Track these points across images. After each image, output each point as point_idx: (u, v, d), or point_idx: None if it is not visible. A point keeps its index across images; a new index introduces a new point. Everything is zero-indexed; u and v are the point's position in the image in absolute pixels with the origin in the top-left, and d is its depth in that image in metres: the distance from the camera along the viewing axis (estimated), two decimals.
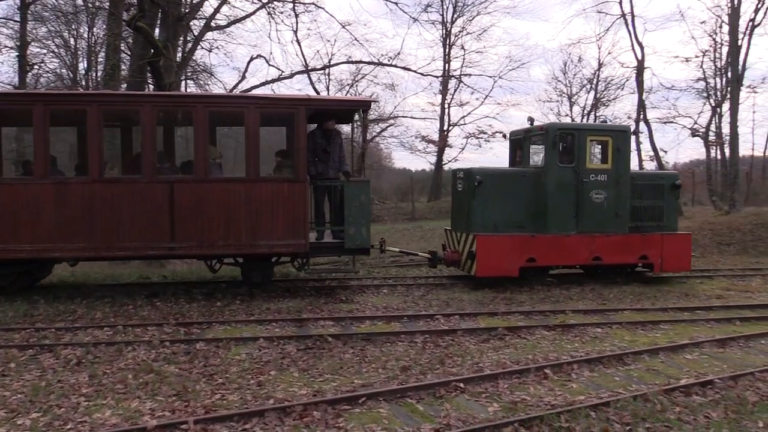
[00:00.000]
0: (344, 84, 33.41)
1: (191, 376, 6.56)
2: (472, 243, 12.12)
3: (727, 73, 31.03)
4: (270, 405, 5.57)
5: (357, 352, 7.52)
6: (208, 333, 8.45)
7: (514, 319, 9.49)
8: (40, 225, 9.94)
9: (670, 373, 6.96)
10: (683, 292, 12.10)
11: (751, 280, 13.77)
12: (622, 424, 5.38)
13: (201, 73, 25.95)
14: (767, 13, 27.92)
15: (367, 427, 5.22)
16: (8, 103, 10.64)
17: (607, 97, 39.24)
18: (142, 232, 10.21)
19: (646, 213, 13.31)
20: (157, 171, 10.49)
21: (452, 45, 38.91)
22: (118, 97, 11.34)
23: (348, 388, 6.18)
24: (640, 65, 29.13)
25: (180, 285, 11.86)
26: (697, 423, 5.47)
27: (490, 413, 5.59)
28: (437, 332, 8.46)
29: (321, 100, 11.80)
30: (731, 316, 9.94)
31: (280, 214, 10.58)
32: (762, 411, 5.79)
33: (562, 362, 7.07)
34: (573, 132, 12.74)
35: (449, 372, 6.78)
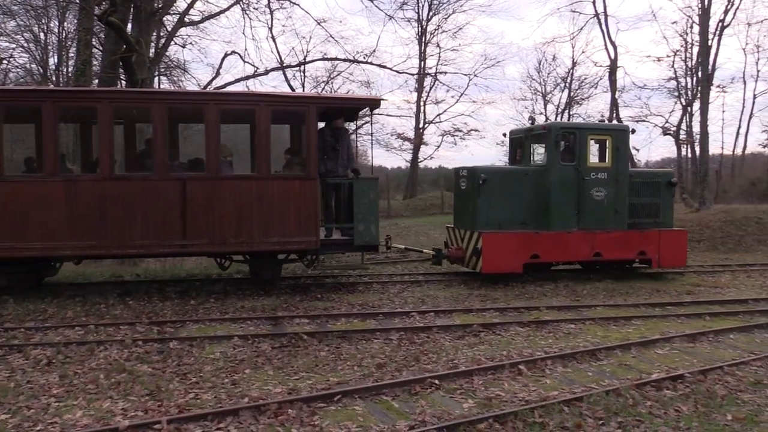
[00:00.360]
0: (319, 81, 33.32)
1: (164, 376, 6.49)
2: (477, 240, 12.30)
3: (697, 72, 31.53)
4: (244, 404, 5.53)
5: (332, 350, 7.51)
6: (181, 332, 8.37)
7: (488, 316, 9.55)
8: (50, 223, 9.82)
9: (641, 368, 7.06)
10: (655, 288, 12.28)
11: (721, 276, 14.03)
12: (594, 418, 5.44)
13: (174, 69, 25.72)
14: (736, 14, 28.43)
15: (342, 424, 5.22)
16: (17, 99, 10.45)
17: (580, 96, 39.74)
18: (153, 229, 10.16)
19: (643, 210, 13.61)
20: (169, 168, 10.45)
21: (428, 43, 38.99)
22: (130, 94, 11.25)
23: (323, 386, 6.16)
24: (613, 64, 29.52)
25: (153, 283, 11.73)
26: (668, 417, 5.56)
27: (465, 409, 5.62)
28: (412, 329, 8.48)
29: (332, 98, 11.91)
30: (701, 311, 10.12)
31: (291, 212, 10.62)
32: (730, 404, 5.91)
33: (536, 358, 7.14)
34: (575, 131, 13.00)
35: (424, 369, 6.80)
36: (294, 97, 11.40)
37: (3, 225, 9.70)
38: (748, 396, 6.15)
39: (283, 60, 27.31)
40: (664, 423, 5.40)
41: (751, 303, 10.97)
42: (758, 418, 5.55)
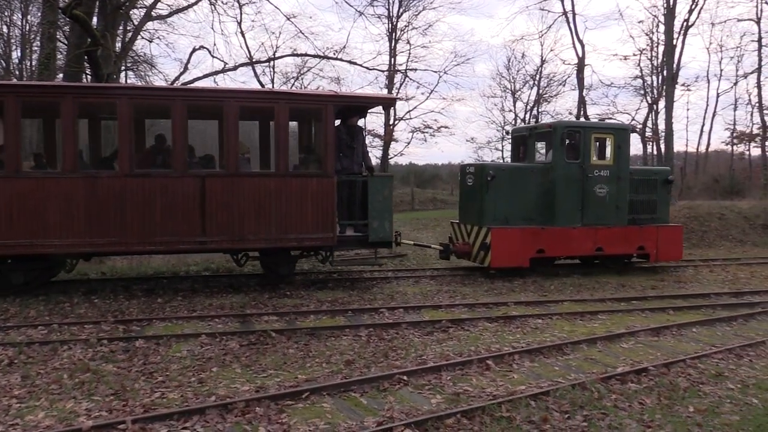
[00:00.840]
0: (289, 77, 33.06)
1: (130, 375, 6.39)
2: (485, 235, 12.63)
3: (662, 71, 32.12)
4: (211, 402, 5.48)
5: (301, 347, 7.48)
6: (148, 330, 8.26)
7: (457, 312, 9.60)
8: (69, 220, 9.75)
9: (607, 362, 7.17)
10: (620, 283, 12.48)
11: (684, 271, 14.32)
12: (560, 412, 5.51)
13: (141, 64, 25.31)
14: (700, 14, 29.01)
15: (310, 422, 5.20)
16: (36, 95, 10.28)
17: (549, 93, 40.09)
18: (173, 226, 10.17)
19: (641, 206, 14.13)
20: (188, 165, 10.46)
21: (398, 39, 38.91)
22: (150, 91, 11.20)
23: (291, 384, 6.14)
24: (581, 62, 29.88)
25: (119, 281, 11.55)
26: (632, 409, 5.65)
27: (433, 405, 5.65)
28: (381, 326, 8.49)
29: (349, 96, 11.99)
30: (665, 305, 10.32)
31: (309, 209, 10.73)
32: (692, 396, 6.04)
33: (504, 353, 7.20)
34: (579, 130, 13.43)
35: (393, 365, 6.81)
36: (312, 95, 11.48)
37: (22, 221, 9.61)
38: (710, 388, 6.29)
39: (252, 55, 27.14)
40: (628, 415, 5.49)
41: (713, 297, 11.23)
42: (719, 410, 5.68)
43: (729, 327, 9.10)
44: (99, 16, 17.50)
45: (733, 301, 10.81)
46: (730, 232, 20.56)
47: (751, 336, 8.52)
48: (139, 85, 12.65)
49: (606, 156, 13.58)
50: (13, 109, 9.62)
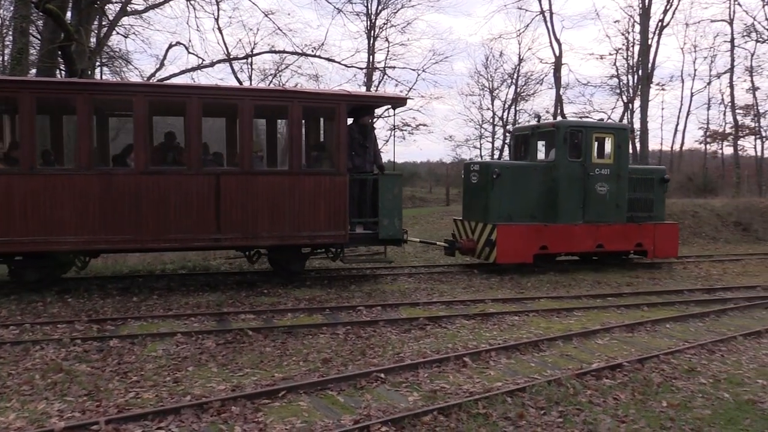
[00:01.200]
0: (267, 74, 32.89)
1: (104, 375, 6.31)
2: (491, 232, 12.90)
3: (638, 71, 32.47)
4: (186, 402, 5.43)
5: (278, 346, 7.44)
6: (122, 329, 8.16)
7: (435, 309, 9.62)
8: (85, 216, 9.78)
9: (582, 358, 7.24)
10: (596, 280, 12.61)
11: (659, 268, 14.50)
12: (536, 408, 5.55)
13: (117, 60, 25.02)
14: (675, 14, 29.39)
15: (286, 420, 5.18)
16: (51, 92, 10.25)
17: (527, 92, 40.36)
18: (188, 223, 10.25)
19: (639, 204, 14.55)
20: (203, 163, 10.56)
21: (376, 37, 38.88)
22: (166, 88, 11.26)
23: (268, 382, 6.10)
24: (558, 61, 30.12)
25: (94, 280, 11.40)
26: (607, 405, 5.71)
27: (410, 402, 5.65)
28: (359, 323, 8.48)
29: (361, 95, 12.23)
30: (639, 302, 10.44)
31: (322, 206, 10.90)
32: (665, 391, 6.12)
33: (481, 350, 7.23)
34: (581, 129, 13.75)
35: (370, 363, 6.81)
36: (326, 95, 11.61)
37: (37, 218, 9.60)
38: (682, 383, 6.38)
39: (230, 52, 26.93)
40: (603, 411, 5.55)
41: (686, 293, 11.39)
42: (691, 405, 5.76)
43: (701, 323, 9.23)
44: (73, 10, 17.26)
45: (705, 298, 10.97)
46: (703, 229, 20.89)
47: (722, 331, 8.66)
48: (155, 82, 12.77)
49: (606, 155, 13.95)
50: (28, 105, 9.61)
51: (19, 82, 10.16)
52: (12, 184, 9.56)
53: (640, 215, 14.49)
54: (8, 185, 9.54)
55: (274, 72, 32.24)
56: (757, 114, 39.38)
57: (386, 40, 38.92)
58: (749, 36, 37.25)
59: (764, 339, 8.32)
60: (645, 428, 5.18)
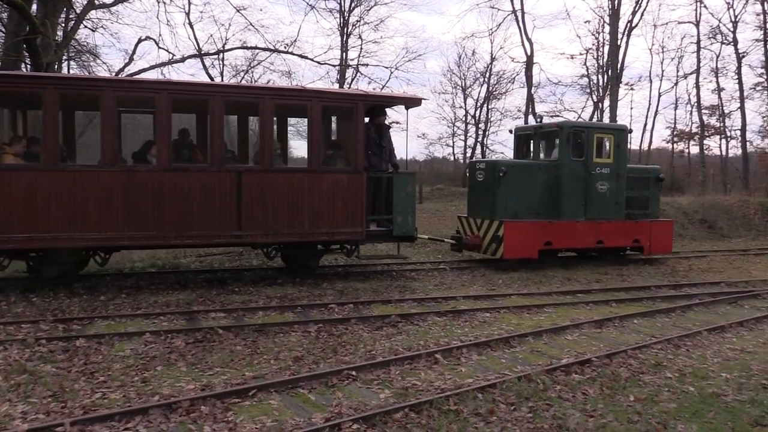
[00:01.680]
0: (239, 70, 32.57)
1: (70, 375, 6.19)
2: (498, 228, 13.30)
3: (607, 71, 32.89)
4: (155, 402, 5.35)
5: (249, 344, 7.38)
6: (89, 329, 8.01)
7: (407, 307, 9.63)
8: (109, 213, 9.82)
9: (552, 354, 7.31)
10: (566, 277, 12.75)
11: (626, 265, 14.72)
12: (507, 404, 5.59)
13: (84, 54, 24.53)
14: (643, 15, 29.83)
15: (257, 419, 5.14)
16: (76, 87, 10.25)
17: (499, 91, 40.65)
18: (210, 220, 10.34)
19: (636, 202, 15.16)
20: (225, 160, 10.68)
21: (350, 34, 38.83)
22: (189, 86, 11.35)
23: (238, 381, 6.05)
24: (529, 60, 30.38)
25: (60, 279, 11.15)
26: (576, 399, 5.78)
27: (381, 400, 5.65)
28: (331, 321, 8.45)
29: (378, 96, 12.41)
30: (608, 298, 10.58)
31: (340, 204, 11.09)
32: (633, 386, 6.21)
33: (452, 347, 7.26)
34: (584, 129, 14.29)
35: (342, 360, 6.79)
36: (344, 94, 11.82)
37: (61, 214, 9.58)
38: (649, 378, 6.48)
39: (201, 47, 26.60)
40: (572, 406, 5.61)
41: (653, 289, 11.59)
42: (657, 398, 5.86)
43: (668, 318, 9.40)
44: (39, 2, 16.87)
45: (672, 294, 11.17)
46: None
47: (688, 326, 8.82)
48: (179, 80, 12.84)
49: (607, 154, 14.46)
50: (52, 101, 9.57)
51: (43, 78, 10.18)
52: (35, 180, 9.55)
53: (637, 212, 15.06)
54: (32, 181, 9.54)
55: (246, 68, 31.97)
56: (722, 114, 40.27)
57: (359, 37, 38.90)
58: (714, 38, 38.10)
59: (728, 333, 8.51)
60: (613, 422, 5.25)
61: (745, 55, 37.34)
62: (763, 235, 22.91)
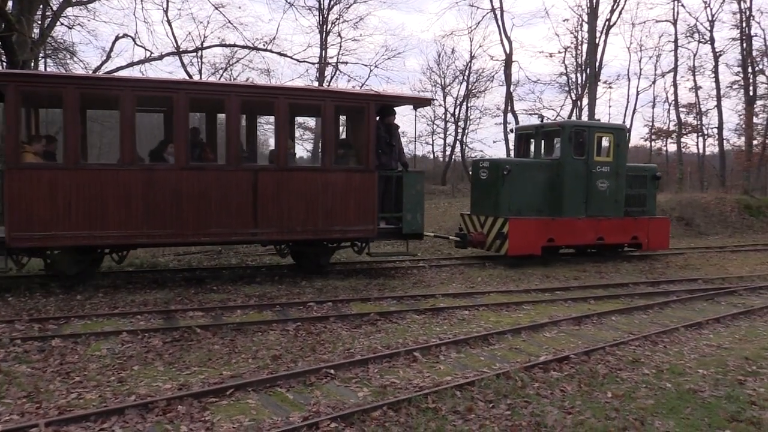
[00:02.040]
0: (218, 68, 32.35)
1: (45, 376, 6.10)
2: (502, 225, 13.63)
3: (586, 69, 33.13)
4: (131, 402, 5.29)
5: (227, 343, 7.32)
6: (65, 329, 7.90)
7: (386, 305, 9.63)
8: (128, 211, 9.96)
9: (530, 351, 7.35)
10: (545, 275, 12.83)
11: (605, 262, 14.84)
12: (485, 401, 5.60)
13: (61, 52, 24.21)
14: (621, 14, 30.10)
15: (234, 419, 5.10)
16: (96, 87, 10.35)
17: (478, 89, 40.73)
18: (227, 218, 10.53)
19: (634, 200, 15.55)
20: (242, 159, 10.91)
21: (329, 32, 38.69)
22: (206, 85, 11.54)
23: (216, 380, 6.00)
24: (508, 59, 30.49)
25: (35, 278, 11.02)
26: (554, 397, 5.81)
27: (359, 398, 5.64)
28: (310, 320, 8.42)
29: (389, 96, 12.62)
30: (586, 295, 10.67)
31: (353, 202, 11.31)
32: (610, 382, 6.26)
33: (431, 345, 7.26)
34: (585, 129, 14.65)
35: (320, 359, 6.76)
36: (356, 94, 12.09)
37: (82, 213, 9.70)
38: (627, 374, 6.53)
39: (179, 45, 26.37)
40: (550, 403, 5.64)
41: (631, 286, 11.70)
42: (635, 395, 5.90)
43: (646, 315, 9.49)
44: None
45: (650, 290, 11.29)
46: None
47: (665, 323, 8.91)
48: (196, 80, 13.17)
49: (607, 153, 14.84)
50: (73, 100, 9.66)
51: (63, 78, 10.24)
52: (55, 179, 9.63)
53: (635, 210, 15.46)
54: (52, 180, 9.61)
55: (225, 66, 31.77)
56: (699, 112, 40.78)
57: (339, 35, 38.77)
58: (692, 37, 38.54)
59: (705, 330, 8.61)
60: (590, 419, 5.28)
61: (722, 54, 37.86)
62: (739, 232, 23.26)
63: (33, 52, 18.81)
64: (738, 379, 6.46)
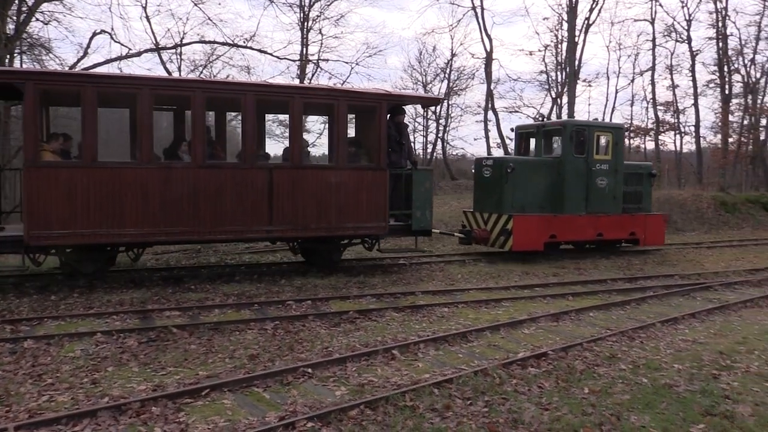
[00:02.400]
0: (198, 65, 32.03)
1: (16, 378, 5.98)
2: (506, 222, 13.92)
3: (565, 67, 33.31)
4: (104, 404, 5.21)
5: (204, 343, 7.25)
6: (38, 330, 7.77)
7: (365, 302, 9.60)
8: (145, 209, 10.02)
9: (509, 348, 7.36)
10: (524, 271, 12.87)
11: (584, 258, 14.94)
12: (463, 399, 5.59)
13: (37, 48, 23.82)
14: (600, 13, 30.30)
15: (209, 419, 5.04)
16: (114, 86, 10.36)
17: (459, 87, 40.78)
18: (243, 215, 10.66)
19: (631, 197, 15.93)
20: (257, 158, 11.05)
21: (310, 29, 38.50)
22: (223, 85, 11.72)
23: (191, 381, 5.93)
24: (489, 57, 30.57)
25: (8, 278, 10.83)
26: (531, 393, 5.81)
27: (337, 397, 5.60)
28: (288, 318, 8.36)
29: (400, 95, 12.78)
30: (565, 291, 10.72)
31: (365, 199, 11.51)
32: (588, 378, 6.28)
33: (409, 342, 7.25)
34: (585, 128, 15.04)
35: (298, 358, 6.72)
36: (369, 94, 12.23)
37: (100, 211, 9.77)
38: (604, 370, 6.57)
39: (158, 41, 26.07)
40: (527, 399, 5.64)
41: (609, 282, 11.78)
42: (611, 390, 5.93)
43: (623, 311, 9.55)
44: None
45: (627, 287, 11.37)
46: None
47: (642, 319, 8.98)
48: (213, 79, 13.31)
49: (606, 152, 15.16)
50: (91, 98, 9.71)
51: (81, 76, 10.17)
52: (74, 177, 9.66)
53: (632, 206, 15.84)
54: (70, 178, 9.64)
55: (205, 63, 31.47)
56: (677, 110, 41.16)
57: (320, 32, 38.55)
58: (669, 36, 38.91)
59: (681, 325, 8.69)
60: (567, 415, 5.29)
61: (699, 53, 38.25)
62: (715, 228, 23.56)
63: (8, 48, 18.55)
64: (712, 373, 6.52)
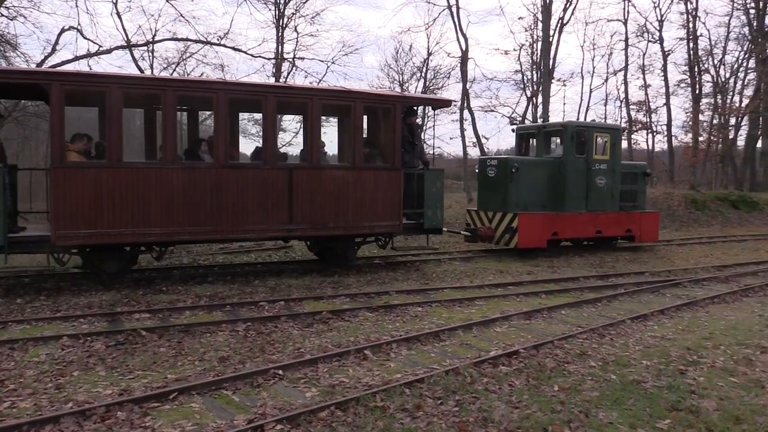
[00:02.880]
0: (171, 62, 31.67)
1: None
2: (511, 220, 14.50)
3: (540, 67, 33.53)
4: (67, 409, 5.10)
5: (173, 345, 7.14)
6: (2, 334, 7.58)
7: (339, 303, 9.55)
8: (169, 209, 10.14)
9: (481, 347, 7.36)
10: (499, 270, 12.93)
11: (558, 255, 15.05)
12: (434, 398, 5.58)
13: (2, 44, 23.38)
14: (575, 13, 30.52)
15: (176, 424, 4.96)
16: (138, 87, 10.54)
17: (435, 86, 40.85)
18: (264, 215, 10.87)
19: (627, 195, 16.63)
20: (277, 158, 11.24)
21: (285, 27, 38.28)
22: (245, 86, 11.90)
23: (159, 384, 5.83)
24: (464, 56, 30.58)
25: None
26: (502, 391, 5.82)
27: (307, 398, 5.56)
28: (260, 319, 8.28)
29: (414, 97, 13.08)
30: (538, 290, 10.77)
31: (380, 198, 11.82)
32: (558, 375, 6.31)
33: (382, 342, 7.22)
34: (586, 129, 15.74)
35: (269, 359, 6.65)
36: (384, 96, 12.48)
37: (126, 210, 9.89)
38: (574, 367, 6.60)
39: (129, 38, 25.72)
40: (498, 398, 5.65)
41: (581, 280, 11.88)
42: (581, 387, 5.97)
43: (594, 308, 9.63)
44: None
45: (599, 284, 11.47)
46: None
47: (613, 316, 9.06)
48: (235, 80, 13.57)
49: (604, 152, 15.77)
50: (115, 99, 9.81)
51: (106, 77, 10.18)
52: (99, 177, 9.74)
53: (628, 204, 16.50)
54: (96, 178, 9.71)
55: (178, 61, 31.13)
56: (649, 110, 41.73)
57: (295, 30, 38.35)
58: (642, 36, 39.42)
59: (650, 321, 8.78)
60: (537, 413, 5.31)
61: (671, 53, 38.84)
62: (686, 225, 23.91)
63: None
64: (679, 369, 6.60)
